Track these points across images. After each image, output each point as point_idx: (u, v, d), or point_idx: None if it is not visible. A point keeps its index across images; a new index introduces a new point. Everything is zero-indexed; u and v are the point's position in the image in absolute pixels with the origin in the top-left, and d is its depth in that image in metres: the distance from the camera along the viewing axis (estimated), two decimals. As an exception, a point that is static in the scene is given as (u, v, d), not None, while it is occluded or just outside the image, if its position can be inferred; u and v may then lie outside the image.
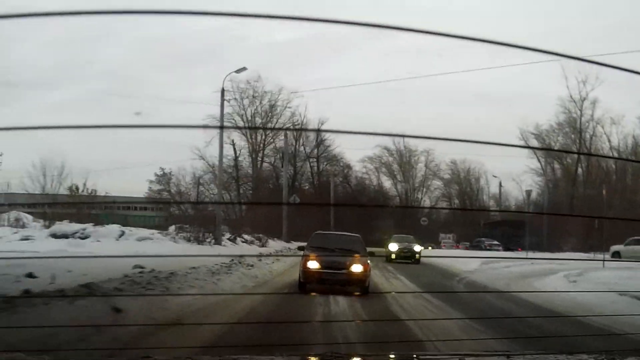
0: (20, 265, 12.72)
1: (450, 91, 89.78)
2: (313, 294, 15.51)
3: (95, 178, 70.79)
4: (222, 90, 39.96)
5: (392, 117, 72.30)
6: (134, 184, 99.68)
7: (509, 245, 50.82)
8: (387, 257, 33.29)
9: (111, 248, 26.48)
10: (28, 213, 43.17)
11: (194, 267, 16.18)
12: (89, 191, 48.50)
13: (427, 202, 77.82)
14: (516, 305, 15.02)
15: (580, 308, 13.56)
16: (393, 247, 34.49)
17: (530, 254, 36.28)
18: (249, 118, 63.67)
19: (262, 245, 41.48)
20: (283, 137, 60.55)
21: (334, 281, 16.08)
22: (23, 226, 38.07)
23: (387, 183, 79.50)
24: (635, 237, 37.98)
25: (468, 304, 15.36)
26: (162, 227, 43.82)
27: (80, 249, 25.31)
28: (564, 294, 16.12)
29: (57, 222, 35.37)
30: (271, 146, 65.57)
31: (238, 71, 41.42)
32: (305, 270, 16.26)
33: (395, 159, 77.95)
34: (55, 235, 30.84)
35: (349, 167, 71.47)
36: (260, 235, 44.66)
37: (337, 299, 14.66)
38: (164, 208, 58.93)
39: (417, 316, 12.23)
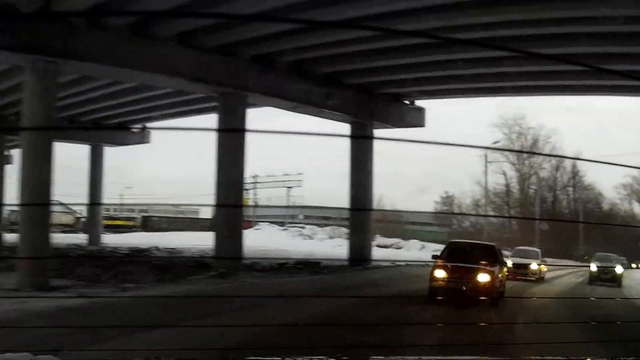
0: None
1: None
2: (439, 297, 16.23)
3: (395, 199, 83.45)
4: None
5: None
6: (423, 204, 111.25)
7: None
8: (590, 279, 29.45)
9: (421, 255, 38.85)
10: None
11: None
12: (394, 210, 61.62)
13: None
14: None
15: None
16: (592, 267, 29.88)
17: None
18: (516, 152, 72.01)
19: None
20: (544, 168, 69.61)
21: (459, 290, 16.22)
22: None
23: (637, 209, 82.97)
24: None
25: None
26: (444, 242, 55.87)
27: (405, 255, 38.16)
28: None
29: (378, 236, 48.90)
30: (535, 175, 72.32)
31: (494, 142, 53.13)
32: (432, 279, 16.54)
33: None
34: (379, 246, 44.24)
35: (600, 194, 75.23)
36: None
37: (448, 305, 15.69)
38: (448, 225, 70.75)
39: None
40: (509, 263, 25.76)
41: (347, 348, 4.33)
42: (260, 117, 45.23)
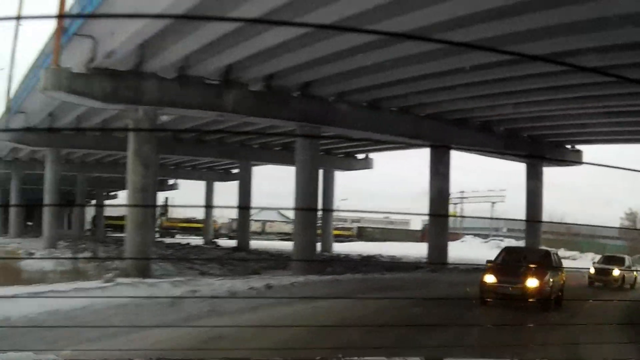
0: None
1: None
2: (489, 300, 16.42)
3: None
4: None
5: None
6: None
7: None
8: None
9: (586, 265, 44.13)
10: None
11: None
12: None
13: None
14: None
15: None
16: None
17: None
18: None
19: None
20: None
21: (508, 295, 16.25)
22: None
23: None
24: None
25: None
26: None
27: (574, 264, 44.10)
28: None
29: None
30: None
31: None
32: (482, 284, 16.69)
33: None
34: (559, 259, 50.09)
35: None
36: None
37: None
38: (631, 239, 73.18)
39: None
40: (591, 270, 27.30)
41: (347, 349, 4.21)
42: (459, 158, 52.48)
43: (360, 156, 49.27)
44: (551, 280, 16.80)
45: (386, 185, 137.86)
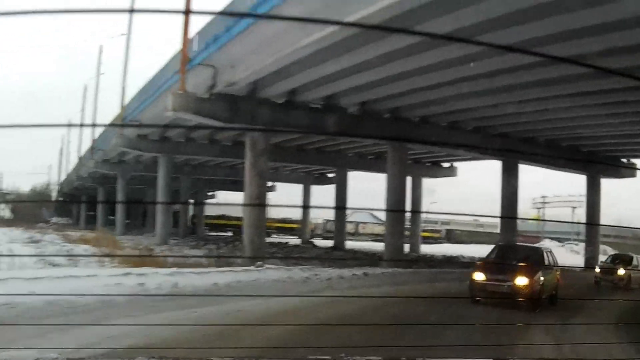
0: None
1: None
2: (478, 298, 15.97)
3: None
4: None
5: None
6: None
7: None
8: None
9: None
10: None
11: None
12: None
13: None
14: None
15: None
16: None
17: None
18: None
19: None
20: None
21: (498, 293, 15.86)
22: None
23: None
24: None
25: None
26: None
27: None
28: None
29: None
30: None
31: None
32: (471, 281, 16.37)
33: None
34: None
35: None
36: None
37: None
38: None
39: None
40: (597, 269, 27.80)
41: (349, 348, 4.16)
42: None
43: (446, 164, 52.49)
44: (542, 278, 16.36)
45: (474, 191, 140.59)
